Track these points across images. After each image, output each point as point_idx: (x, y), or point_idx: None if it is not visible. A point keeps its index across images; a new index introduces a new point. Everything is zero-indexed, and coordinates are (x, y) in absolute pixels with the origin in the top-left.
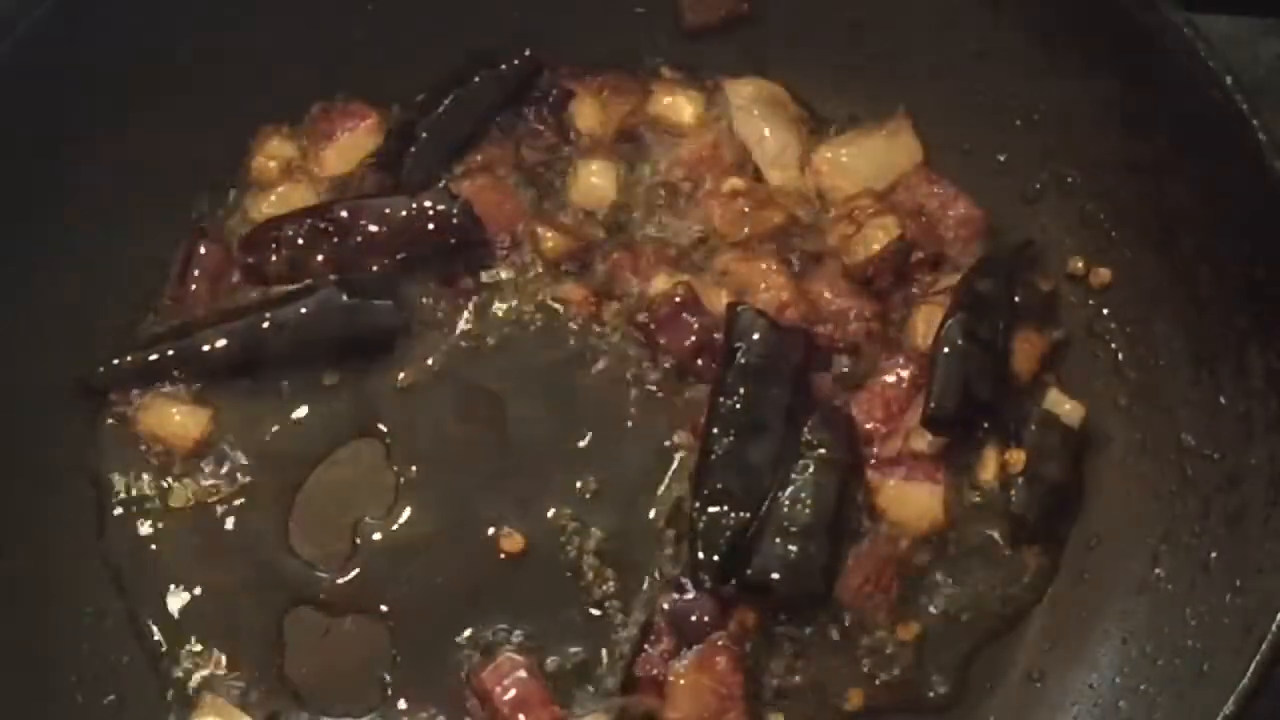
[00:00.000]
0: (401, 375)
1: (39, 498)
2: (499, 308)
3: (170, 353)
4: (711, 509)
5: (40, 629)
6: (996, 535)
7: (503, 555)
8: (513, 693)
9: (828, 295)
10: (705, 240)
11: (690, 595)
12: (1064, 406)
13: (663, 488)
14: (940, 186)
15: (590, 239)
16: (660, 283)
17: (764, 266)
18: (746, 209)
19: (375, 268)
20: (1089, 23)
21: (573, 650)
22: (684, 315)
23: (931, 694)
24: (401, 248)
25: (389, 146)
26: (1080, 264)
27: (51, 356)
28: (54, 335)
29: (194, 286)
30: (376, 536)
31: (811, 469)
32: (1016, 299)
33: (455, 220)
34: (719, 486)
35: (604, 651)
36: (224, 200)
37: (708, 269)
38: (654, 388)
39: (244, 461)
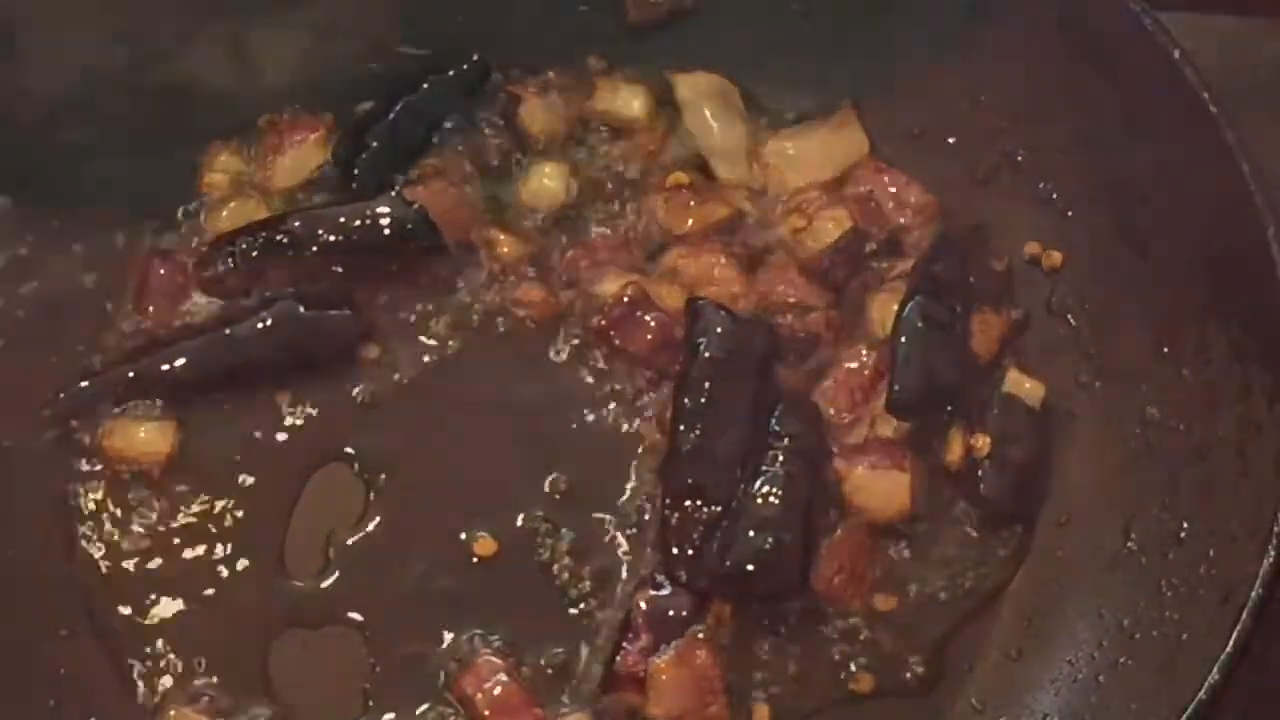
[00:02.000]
0: (365, 384)
1: (6, 526)
2: (459, 312)
3: (131, 375)
4: (683, 504)
5: (15, 654)
6: (966, 518)
7: (476, 560)
8: (493, 696)
9: (781, 288)
10: (655, 236)
11: (666, 591)
12: (1024, 386)
13: (632, 485)
14: (889, 175)
15: (544, 241)
16: (609, 285)
17: (713, 261)
18: (691, 203)
19: (332, 278)
20: (1033, 1)
21: (552, 651)
22: (638, 314)
23: (909, 675)
24: (358, 256)
25: (339, 156)
26: (1036, 245)
27: (13, 385)
28: (14, 364)
29: (151, 307)
30: (349, 545)
31: (780, 459)
32: (972, 280)
33: (410, 226)
34: (689, 481)
35: (583, 651)
36: (177, 218)
37: (658, 265)
38: (618, 385)
39: (210, 479)
